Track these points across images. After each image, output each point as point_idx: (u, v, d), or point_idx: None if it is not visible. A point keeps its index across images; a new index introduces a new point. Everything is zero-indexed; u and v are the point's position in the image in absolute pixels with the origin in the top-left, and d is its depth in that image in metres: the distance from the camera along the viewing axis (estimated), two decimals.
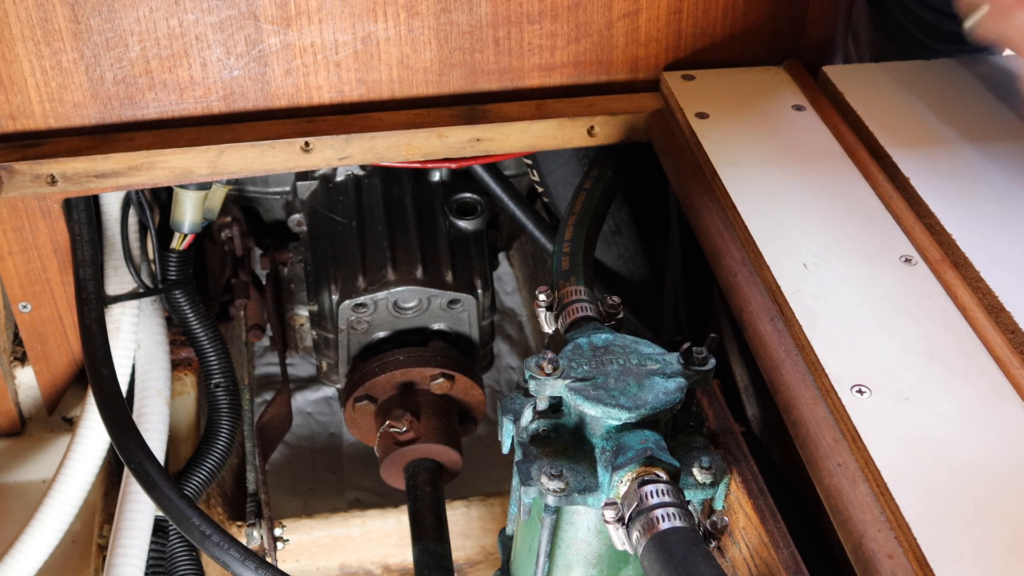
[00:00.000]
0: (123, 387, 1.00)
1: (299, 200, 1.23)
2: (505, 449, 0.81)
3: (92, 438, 0.98)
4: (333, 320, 1.16)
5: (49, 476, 0.98)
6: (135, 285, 1.04)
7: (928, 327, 0.75)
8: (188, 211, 1.03)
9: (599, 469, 0.72)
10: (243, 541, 0.97)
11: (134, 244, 1.05)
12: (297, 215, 1.24)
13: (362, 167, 1.21)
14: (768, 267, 0.80)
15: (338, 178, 1.22)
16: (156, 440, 0.98)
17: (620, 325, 0.86)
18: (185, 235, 1.04)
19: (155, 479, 0.88)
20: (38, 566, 0.93)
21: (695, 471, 0.75)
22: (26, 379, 1.10)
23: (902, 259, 0.81)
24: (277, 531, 1.09)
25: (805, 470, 0.71)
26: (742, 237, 0.85)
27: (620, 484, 0.70)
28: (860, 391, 0.70)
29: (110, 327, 1.00)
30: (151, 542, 0.94)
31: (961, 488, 0.63)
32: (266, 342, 1.37)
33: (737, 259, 0.84)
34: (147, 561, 0.92)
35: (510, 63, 1.00)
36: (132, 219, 1.05)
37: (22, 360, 1.10)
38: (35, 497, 0.96)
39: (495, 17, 0.97)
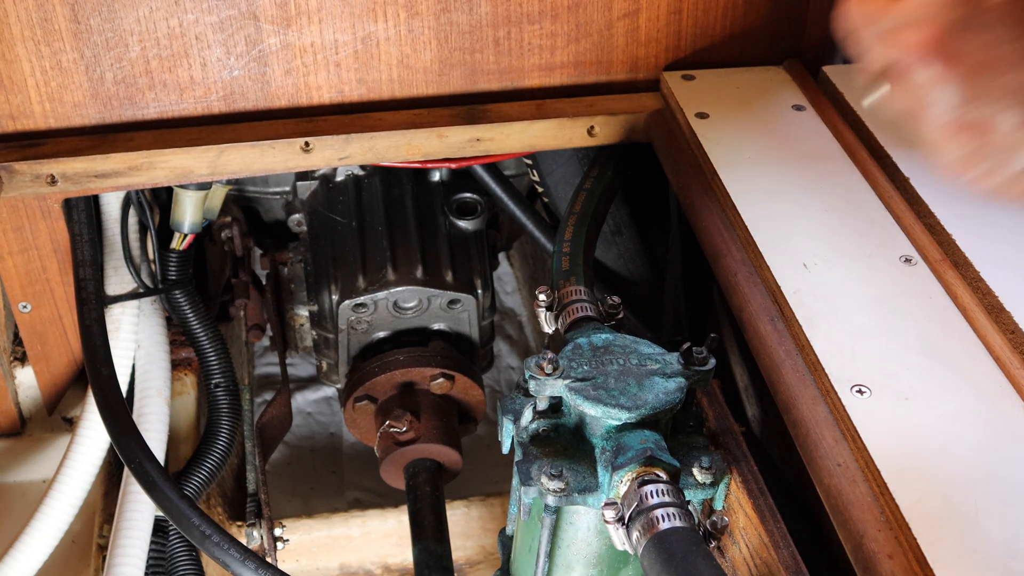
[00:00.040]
0: (123, 387, 1.00)
1: (299, 200, 1.23)
2: (505, 449, 0.81)
3: (92, 438, 0.98)
4: (333, 320, 1.16)
5: (49, 476, 0.98)
6: (135, 285, 1.04)
7: (928, 327, 0.75)
8: (188, 211, 1.03)
9: (599, 469, 0.72)
10: (243, 541, 0.97)
11: (134, 244, 1.05)
12: (297, 215, 1.23)
13: (362, 167, 1.21)
14: (768, 267, 0.80)
15: (338, 178, 1.22)
16: (156, 440, 0.98)
17: (620, 325, 0.86)
18: (185, 235, 1.04)
19: (155, 479, 0.88)
20: (38, 566, 0.93)
21: (695, 471, 0.74)
22: (26, 379, 1.10)
23: (902, 259, 0.81)
24: (277, 531, 1.09)
25: (805, 470, 0.71)
26: (742, 237, 0.85)
27: (620, 484, 0.70)
28: (860, 391, 0.70)
29: (110, 327, 1.00)
30: (151, 542, 0.94)
31: (961, 488, 0.63)
32: (266, 342, 1.37)
33: (737, 259, 0.84)
34: (147, 561, 0.92)
35: (510, 63, 1.00)
36: (132, 219, 1.05)
37: (22, 360, 1.10)
38: (35, 497, 0.96)
39: (495, 17, 0.97)
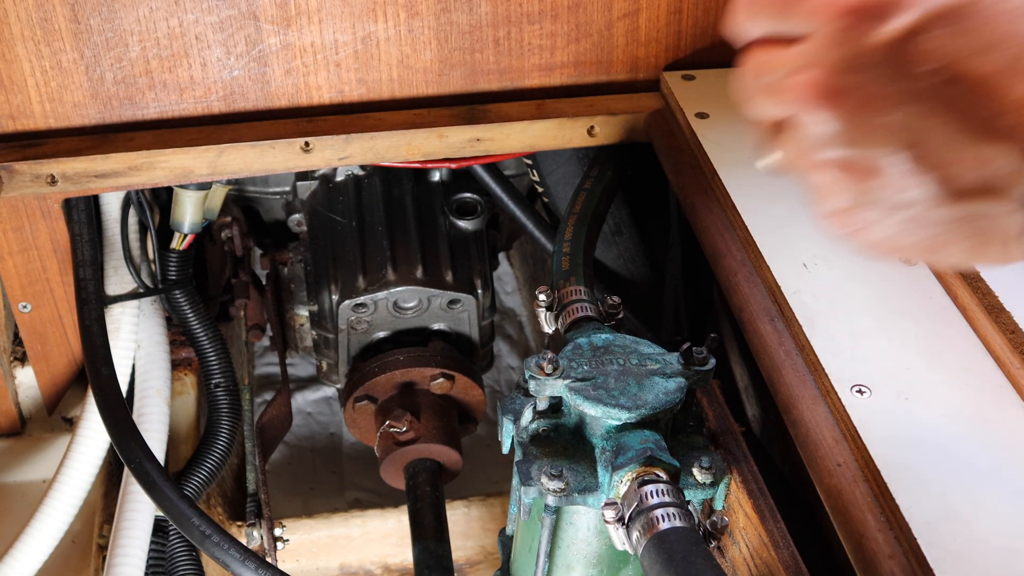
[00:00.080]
0: (123, 387, 1.00)
1: (299, 200, 1.23)
2: (505, 449, 0.81)
3: (92, 438, 0.98)
4: (333, 320, 1.16)
5: (49, 476, 0.98)
6: (135, 285, 1.04)
7: (928, 327, 0.75)
8: (188, 211, 1.03)
9: (599, 469, 0.72)
10: (243, 541, 0.97)
11: (134, 244, 1.05)
12: (297, 215, 1.23)
13: (362, 167, 1.21)
14: (768, 267, 0.80)
15: (338, 178, 1.22)
16: (156, 440, 0.98)
17: (620, 325, 0.86)
18: (185, 235, 1.04)
19: (155, 479, 0.88)
20: (38, 566, 0.93)
21: (695, 471, 0.74)
22: (26, 379, 1.10)
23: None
24: (277, 531, 1.09)
25: (805, 470, 0.71)
26: (742, 237, 0.85)
27: (620, 484, 0.70)
28: (860, 391, 0.70)
29: (110, 327, 1.00)
30: (151, 542, 0.94)
31: (961, 488, 0.63)
32: (266, 342, 1.37)
33: (737, 259, 0.84)
34: (147, 561, 0.92)
35: (510, 63, 1.00)
36: (132, 219, 1.05)
37: (22, 360, 1.10)
38: (35, 497, 0.96)
39: (495, 17, 0.97)
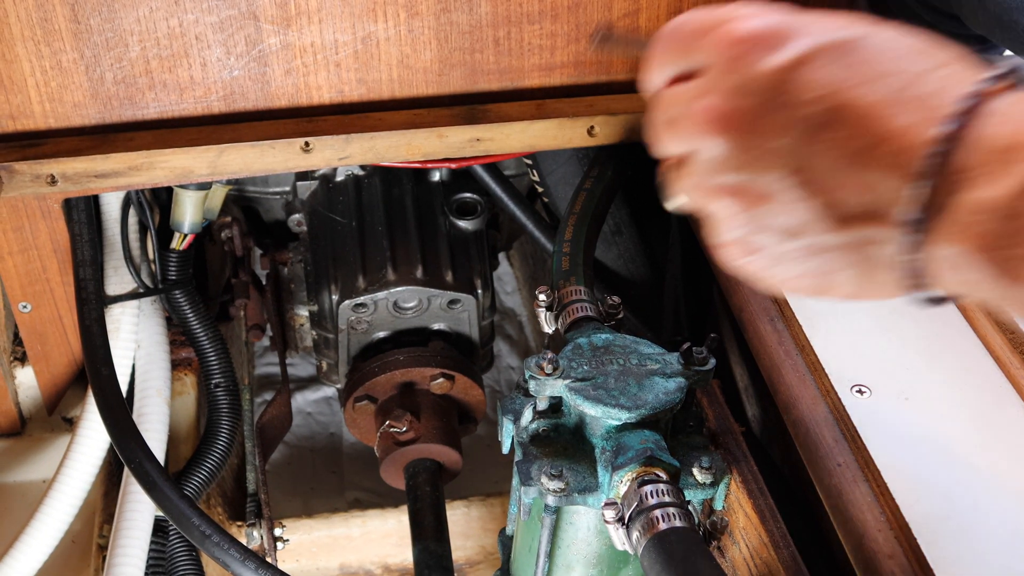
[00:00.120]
0: (123, 387, 1.00)
1: (299, 200, 1.23)
2: (505, 449, 0.81)
3: (92, 438, 0.98)
4: (333, 320, 1.16)
5: (49, 476, 0.98)
6: (135, 285, 1.04)
7: (928, 327, 0.75)
8: (188, 211, 1.03)
9: (599, 469, 0.72)
10: (243, 541, 0.97)
11: (134, 244, 1.05)
12: (297, 215, 1.23)
13: (362, 167, 1.21)
14: None
15: (338, 178, 1.22)
16: (156, 440, 0.98)
17: (620, 325, 0.86)
18: (185, 235, 1.04)
19: (155, 479, 0.88)
20: (38, 566, 0.93)
21: (695, 471, 0.74)
22: (26, 379, 1.10)
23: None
24: (277, 531, 1.09)
25: (805, 470, 0.71)
26: None
27: (620, 484, 0.70)
28: (860, 391, 0.70)
29: (110, 327, 1.00)
30: (151, 542, 0.94)
31: (961, 488, 0.63)
32: (266, 342, 1.37)
33: None
34: (147, 561, 0.92)
35: (510, 63, 1.00)
36: (132, 219, 1.05)
37: (22, 360, 1.10)
38: (35, 497, 0.96)
39: (495, 17, 0.97)
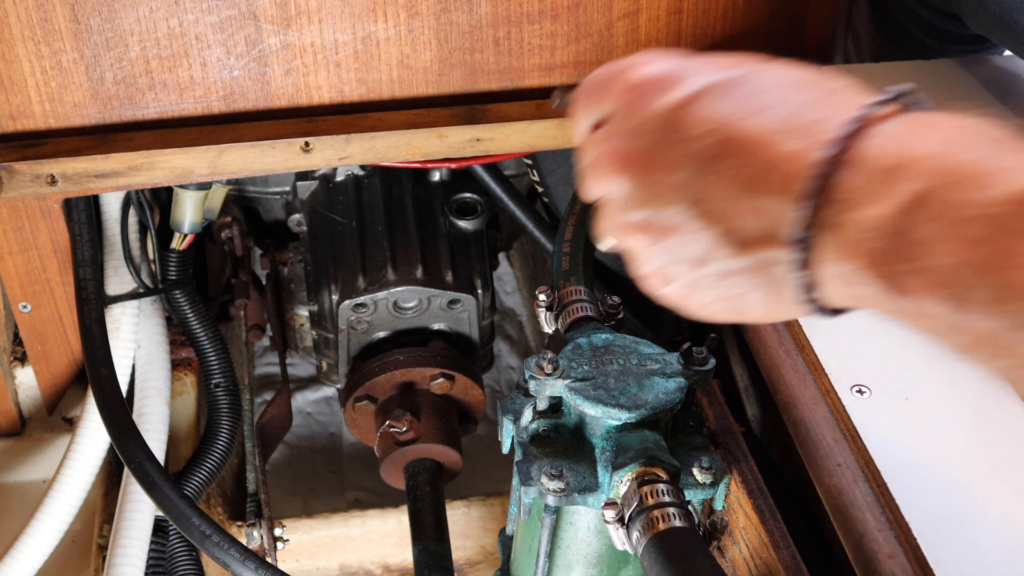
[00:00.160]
0: (123, 387, 1.00)
1: (299, 200, 1.23)
2: (505, 449, 0.81)
3: (92, 438, 0.98)
4: (333, 320, 1.16)
5: (49, 476, 0.98)
6: (135, 285, 1.04)
7: None
8: (188, 211, 1.03)
9: (599, 469, 0.72)
10: (243, 541, 0.97)
11: (134, 244, 1.05)
12: (297, 215, 1.23)
13: (362, 167, 1.21)
14: None
15: (338, 178, 1.22)
16: (156, 440, 0.98)
17: (620, 325, 0.86)
18: (185, 235, 1.04)
19: (155, 479, 0.88)
20: (38, 566, 0.93)
21: (695, 471, 0.74)
22: (26, 379, 1.10)
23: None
24: (277, 531, 1.09)
25: (805, 470, 0.71)
26: None
27: (620, 484, 0.70)
28: (860, 391, 0.70)
29: (110, 327, 1.00)
30: (151, 542, 0.94)
31: (961, 488, 0.63)
32: (266, 342, 1.37)
33: None
34: (147, 561, 0.92)
35: (510, 63, 1.00)
36: (132, 219, 1.05)
37: (22, 360, 1.10)
38: (35, 497, 0.96)
39: (495, 17, 0.97)
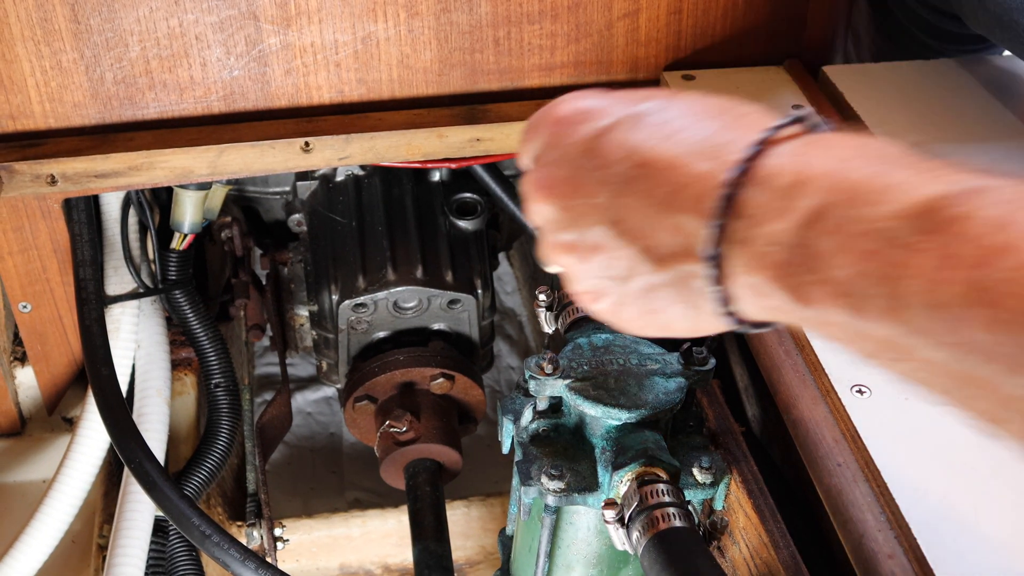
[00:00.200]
0: (123, 387, 1.00)
1: (299, 200, 1.23)
2: (505, 449, 0.81)
3: (92, 438, 0.98)
4: (333, 320, 1.16)
5: (49, 476, 0.98)
6: (135, 285, 1.04)
7: None
8: (188, 211, 1.03)
9: (599, 469, 0.72)
10: (243, 541, 0.97)
11: (134, 244, 1.05)
12: (297, 215, 1.23)
13: (362, 167, 1.21)
14: None
15: (338, 178, 1.22)
16: (156, 440, 0.98)
17: None
18: (185, 235, 1.04)
19: (155, 479, 0.88)
20: (38, 566, 0.93)
21: (695, 471, 0.74)
22: (26, 379, 1.10)
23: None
24: (277, 531, 1.09)
25: (805, 470, 0.71)
26: None
27: (620, 484, 0.70)
28: (860, 391, 0.70)
29: (110, 327, 1.00)
30: (151, 542, 0.94)
31: (961, 488, 0.63)
32: (266, 342, 1.37)
33: None
34: (147, 561, 0.92)
35: (510, 63, 1.00)
36: (132, 219, 1.05)
37: (22, 360, 1.10)
38: (35, 497, 0.96)
39: (495, 17, 0.97)
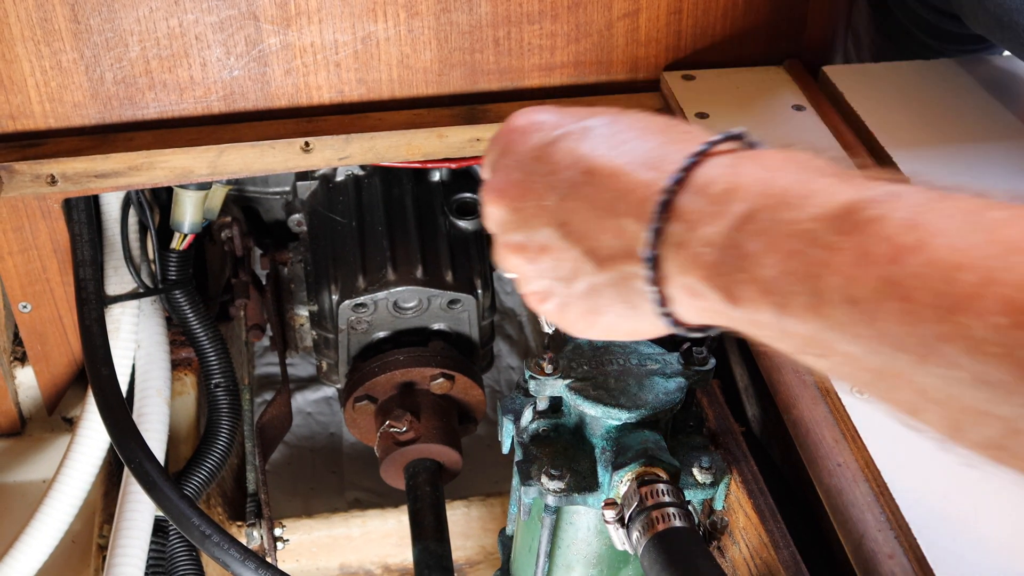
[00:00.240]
0: (123, 387, 1.00)
1: (299, 200, 1.23)
2: (505, 449, 0.81)
3: (92, 438, 0.98)
4: (333, 320, 1.16)
5: (49, 476, 0.98)
6: (135, 285, 1.04)
7: None
8: (188, 211, 1.03)
9: (599, 469, 0.72)
10: (243, 541, 0.97)
11: (134, 244, 1.05)
12: (297, 215, 1.23)
13: (362, 167, 1.21)
14: None
15: (338, 178, 1.22)
16: (156, 440, 0.98)
17: None
18: (185, 235, 1.04)
19: (155, 479, 0.88)
20: (38, 566, 0.93)
21: (695, 471, 0.75)
22: (26, 379, 1.10)
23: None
24: (277, 531, 1.09)
25: (805, 470, 0.71)
26: None
27: (620, 484, 0.70)
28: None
29: (110, 327, 1.00)
30: (151, 542, 0.94)
31: (961, 488, 0.63)
32: (266, 342, 1.37)
33: None
34: (147, 561, 0.92)
35: (510, 63, 1.00)
36: (132, 219, 1.05)
37: (22, 360, 1.10)
38: (35, 497, 0.96)
39: (495, 17, 0.97)
